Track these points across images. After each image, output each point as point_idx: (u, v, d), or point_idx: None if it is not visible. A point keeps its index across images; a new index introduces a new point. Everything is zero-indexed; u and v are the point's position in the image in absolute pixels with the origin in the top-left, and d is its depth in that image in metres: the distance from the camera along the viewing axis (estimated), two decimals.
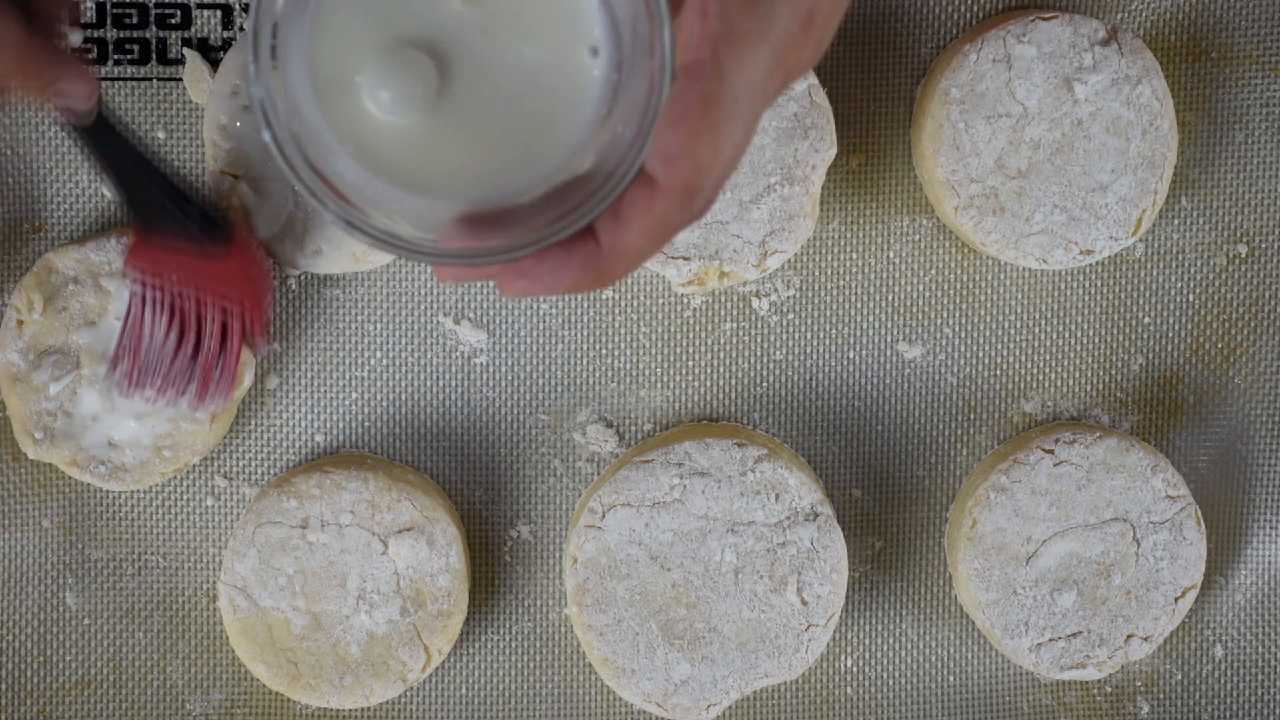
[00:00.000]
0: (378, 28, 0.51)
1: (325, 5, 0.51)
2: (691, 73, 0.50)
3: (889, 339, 0.78)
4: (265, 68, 0.50)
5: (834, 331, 0.78)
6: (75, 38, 0.74)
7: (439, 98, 0.51)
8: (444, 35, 0.51)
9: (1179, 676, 0.79)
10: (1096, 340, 0.79)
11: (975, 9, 0.77)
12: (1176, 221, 0.78)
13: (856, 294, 0.78)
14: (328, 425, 0.77)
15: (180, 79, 0.75)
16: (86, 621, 0.77)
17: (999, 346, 0.78)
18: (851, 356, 0.78)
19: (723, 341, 0.78)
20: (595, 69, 0.52)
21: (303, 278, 0.76)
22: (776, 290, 0.78)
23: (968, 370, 0.78)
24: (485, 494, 0.78)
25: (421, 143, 0.52)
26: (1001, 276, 0.78)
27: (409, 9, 0.51)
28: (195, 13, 0.75)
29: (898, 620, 0.79)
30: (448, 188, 0.52)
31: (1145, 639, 0.76)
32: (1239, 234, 0.78)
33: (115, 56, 0.75)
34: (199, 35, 0.75)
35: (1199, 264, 0.79)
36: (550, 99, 0.52)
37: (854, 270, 0.78)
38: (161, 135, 0.75)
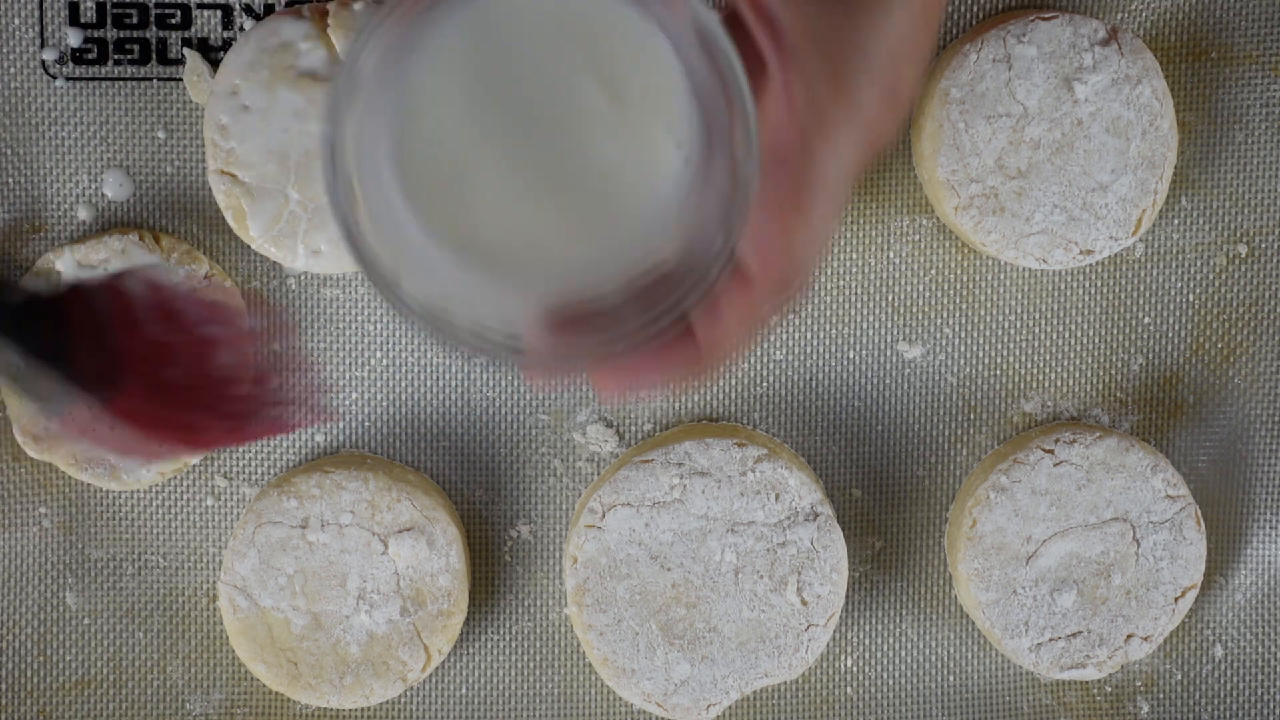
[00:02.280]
0: (467, 117, 0.50)
1: (407, 97, 0.50)
2: (780, 159, 0.49)
3: (889, 339, 0.78)
4: (342, 174, 0.49)
5: (834, 331, 0.78)
6: (74, 38, 0.74)
7: (526, 185, 0.50)
8: (534, 122, 0.50)
9: (1179, 676, 0.79)
10: (1096, 340, 0.79)
11: (975, 9, 0.77)
12: (1176, 221, 0.78)
13: (856, 294, 0.78)
14: (328, 425, 0.77)
15: (180, 79, 0.75)
16: (86, 621, 0.77)
17: (999, 346, 0.78)
18: (851, 356, 0.78)
19: None
20: (679, 161, 0.50)
21: (303, 278, 0.76)
22: None
23: (968, 370, 0.78)
24: (485, 494, 0.78)
25: (508, 231, 0.51)
26: (1001, 276, 0.78)
27: (498, 97, 0.50)
28: (195, 13, 0.75)
29: (898, 620, 0.79)
30: (533, 277, 0.51)
31: (1145, 639, 0.76)
32: (1239, 234, 0.78)
33: (115, 56, 0.75)
34: (199, 35, 0.75)
35: (1199, 264, 0.79)
36: (635, 190, 0.50)
37: (854, 270, 0.78)
38: (161, 135, 0.75)
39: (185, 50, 0.75)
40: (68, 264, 0.73)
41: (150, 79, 0.75)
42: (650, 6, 0.50)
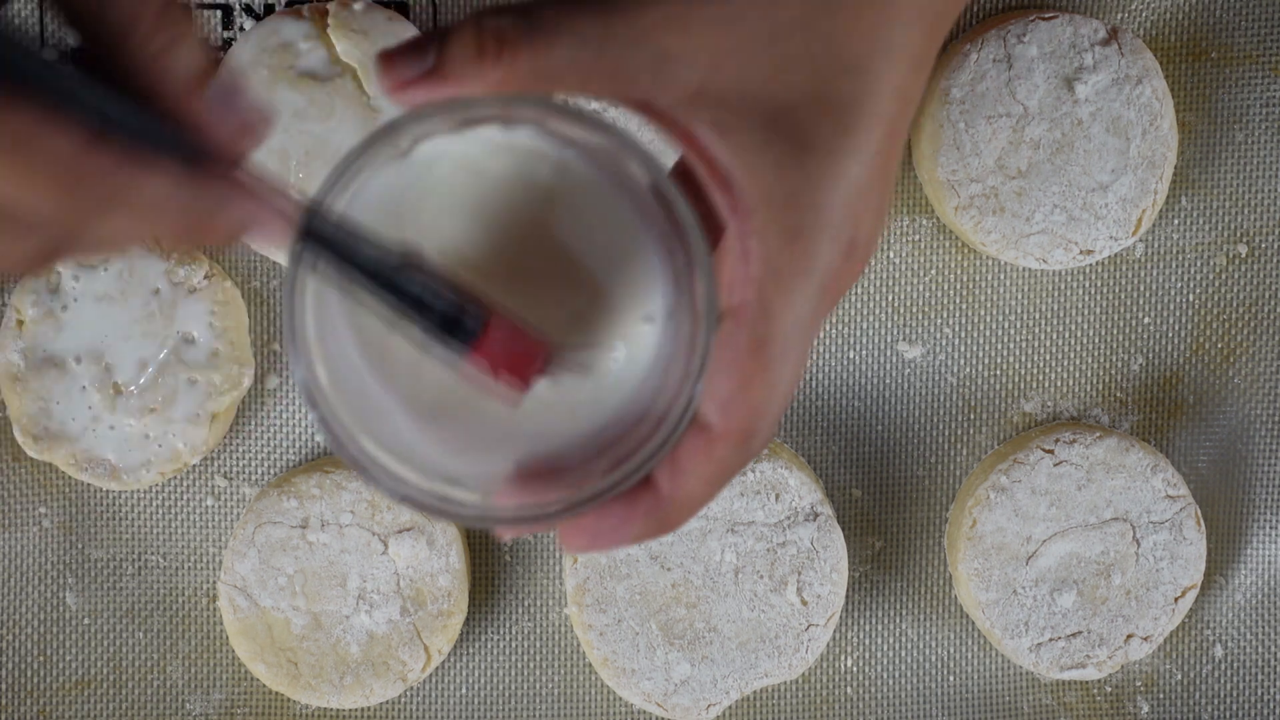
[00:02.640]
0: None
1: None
2: (739, 317, 0.49)
3: (889, 339, 0.78)
4: (305, 345, 0.49)
5: (834, 331, 0.78)
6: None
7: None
8: (504, 294, 0.51)
9: (1179, 676, 0.80)
10: (1096, 340, 0.79)
11: (975, 9, 0.77)
12: (1176, 221, 0.78)
13: (856, 294, 0.78)
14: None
15: None
16: (86, 621, 0.77)
17: (999, 346, 0.78)
18: (851, 356, 0.78)
19: None
20: (648, 334, 0.51)
21: None
22: None
23: (968, 370, 0.78)
24: None
25: (473, 397, 0.51)
26: (1001, 276, 0.78)
27: (463, 259, 0.51)
28: (195, 12, 0.75)
29: (898, 620, 0.79)
30: (501, 443, 0.52)
31: (1145, 639, 0.76)
32: (1239, 234, 0.78)
33: None
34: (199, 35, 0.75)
35: (1199, 264, 0.79)
36: (604, 364, 0.51)
37: None
38: None
39: None
40: (67, 263, 0.73)
41: None
42: (613, 168, 0.50)
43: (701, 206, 0.49)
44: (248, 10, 0.75)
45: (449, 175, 0.51)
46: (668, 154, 0.54)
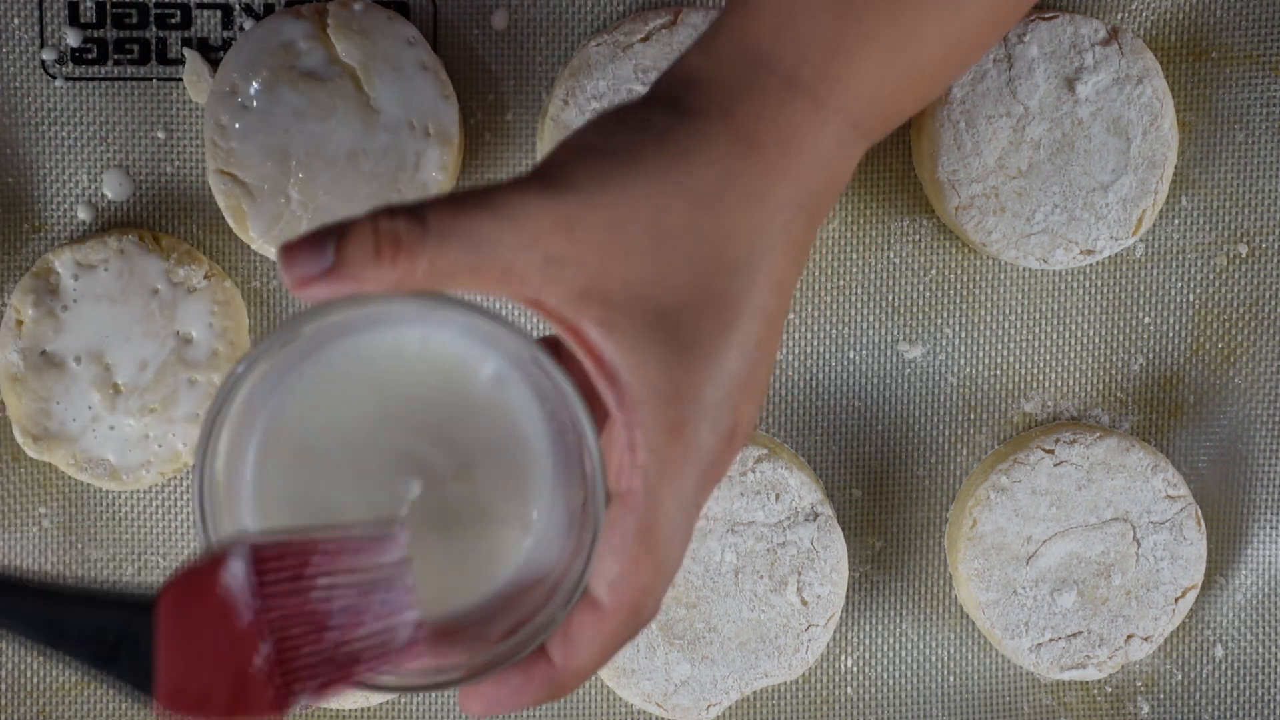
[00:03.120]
0: (327, 465, 0.54)
1: (269, 450, 0.54)
2: (626, 503, 0.52)
3: (889, 339, 0.78)
4: (214, 519, 0.53)
5: (834, 331, 0.78)
6: (73, 38, 0.74)
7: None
8: (397, 465, 0.54)
9: (1179, 676, 0.80)
10: (1097, 340, 0.79)
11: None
12: (1177, 221, 0.78)
13: (856, 294, 0.78)
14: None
15: (180, 79, 0.75)
16: None
17: (999, 346, 0.78)
18: (851, 356, 0.78)
19: None
20: (529, 544, 0.55)
21: None
22: None
23: (968, 370, 0.78)
24: None
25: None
26: (1002, 276, 0.78)
27: (357, 448, 0.54)
28: (195, 13, 0.75)
29: (898, 620, 0.79)
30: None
31: (1145, 639, 0.76)
32: (1239, 234, 0.78)
33: (115, 56, 0.75)
34: (199, 35, 0.75)
35: (1199, 264, 0.79)
36: (489, 565, 0.55)
37: (854, 270, 0.78)
38: (161, 135, 0.75)
39: (185, 50, 0.75)
40: (67, 264, 0.73)
41: (150, 79, 0.75)
42: (507, 361, 0.53)
43: (587, 389, 0.52)
44: (247, 10, 0.75)
45: (336, 386, 0.54)
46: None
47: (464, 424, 0.54)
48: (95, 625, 0.55)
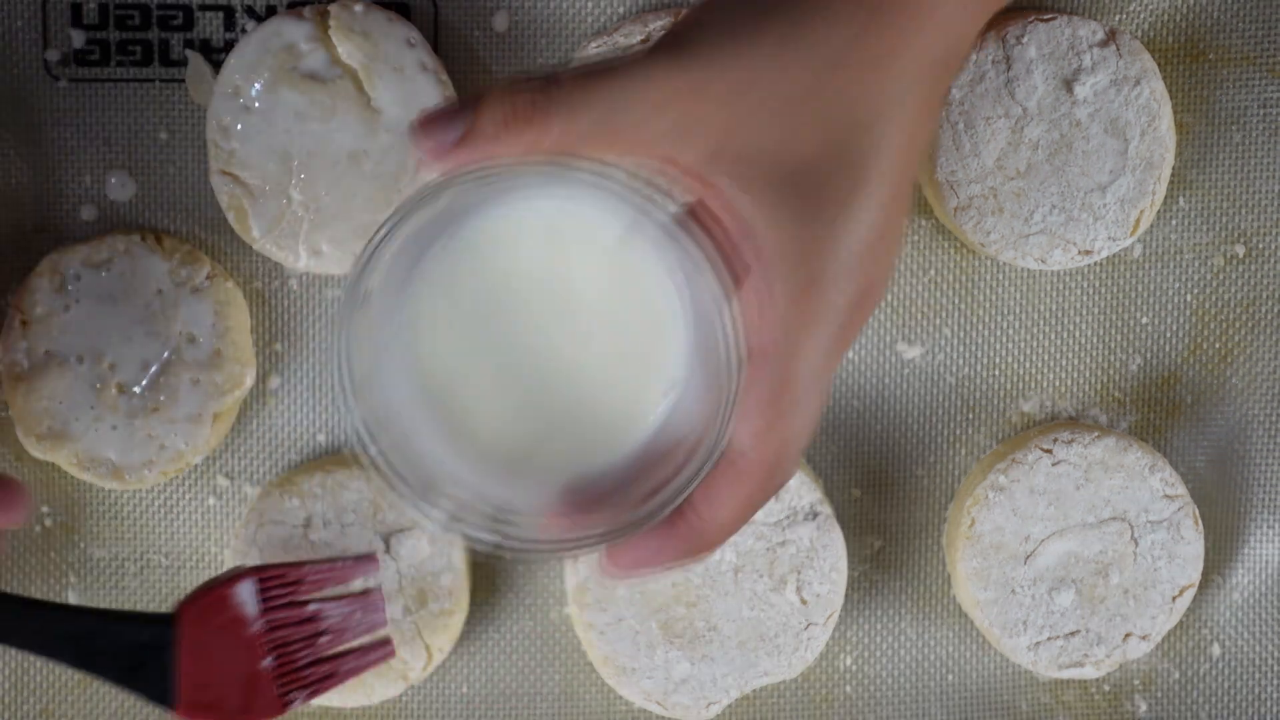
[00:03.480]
0: (468, 333, 0.55)
1: (413, 320, 0.55)
2: (762, 361, 0.53)
3: (888, 339, 0.78)
4: (358, 389, 0.53)
5: None
6: (76, 40, 0.74)
7: (526, 409, 0.55)
8: (538, 352, 0.55)
9: (1176, 675, 0.80)
10: (1095, 340, 0.79)
11: None
12: (1174, 222, 0.79)
13: None
14: (329, 425, 0.77)
15: (182, 80, 0.75)
16: None
17: (998, 346, 0.79)
18: (851, 357, 0.78)
19: None
20: (666, 403, 0.56)
21: (304, 278, 0.77)
22: None
23: (966, 370, 0.79)
24: None
25: (521, 433, 0.56)
26: (1000, 277, 0.78)
27: (497, 320, 0.55)
28: (198, 14, 0.75)
29: (897, 619, 0.79)
30: (547, 470, 0.56)
31: (1143, 638, 0.77)
32: (1236, 235, 0.79)
33: (118, 58, 0.75)
34: (201, 37, 0.75)
35: (1197, 264, 0.79)
36: (625, 426, 0.56)
37: None
38: (164, 136, 0.75)
39: (187, 52, 0.75)
40: (70, 264, 0.73)
41: (152, 80, 0.75)
42: (647, 229, 0.53)
43: (721, 250, 0.52)
44: (249, 11, 0.75)
45: (474, 253, 0.55)
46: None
47: (598, 291, 0.55)
48: (121, 642, 0.63)
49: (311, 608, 0.69)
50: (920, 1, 0.53)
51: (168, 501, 0.77)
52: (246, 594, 0.67)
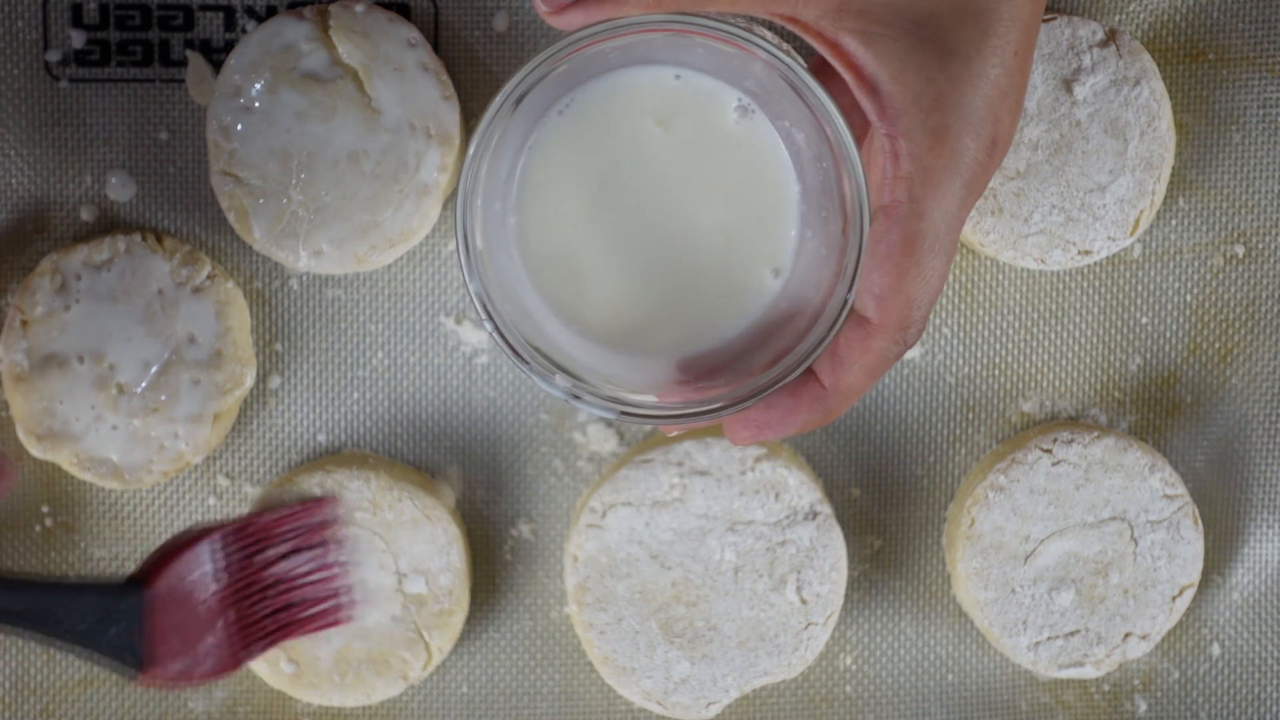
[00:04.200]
0: (581, 204, 0.56)
1: (526, 190, 0.55)
2: (890, 214, 0.52)
3: None
4: (476, 261, 0.53)
5: None
6: (77, 40, 0.75)
7: (647, 261, 0.56)
8: (651, 228, 0.56)
9: (1176, 675, 0.80)
10: (1095, 340, 0.79)
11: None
12: (1174, 222, 0.79)
13: None
14: (329, 425, 0.78)
15: (183, 80, 0.75)
16: None
17: (997, 346, 0.79)
18: None
19: None
20: (777, 284, 0.56)
21: (304, 278, 0.77)
22: None
23: (966, 370, 0.79)
24: (486, 493, 0.78)
25: (634, 306, 0.56)
26: (1000, 277, 0.78)
27: (609, 192, 0.56)
28: (198, 14, 0.75)
29: (896, 619, 0.79)
30: (661, 344, 0.56)
31: (1143, 637, 0.77)
32: (1236, 235, 0.79)
33: (118, 58, 0.75)
34: (201, 37, 0.75)
35: (1196, 265, 0.79)
36: (740, 300, 0.56)
37: None
38: (164, 136, 0.76)
39: (188, 52, 0.75)
40: (70, 264, 0.73)
41: (153, 80, 0.75)
42: (768, 90, 0.54)
43: (844, 106, 0.52)
44: (250, 12, 0.75)
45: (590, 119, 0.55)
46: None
47: (713, 163, 0.55)
48: (85, 607, 0.62)
49: (272, 555, 0.68)
50: None
51: (168, 501, 0.77)
52: (206, 553, 0.66)
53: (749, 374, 0.55)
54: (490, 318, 0.53)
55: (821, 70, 0.56)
